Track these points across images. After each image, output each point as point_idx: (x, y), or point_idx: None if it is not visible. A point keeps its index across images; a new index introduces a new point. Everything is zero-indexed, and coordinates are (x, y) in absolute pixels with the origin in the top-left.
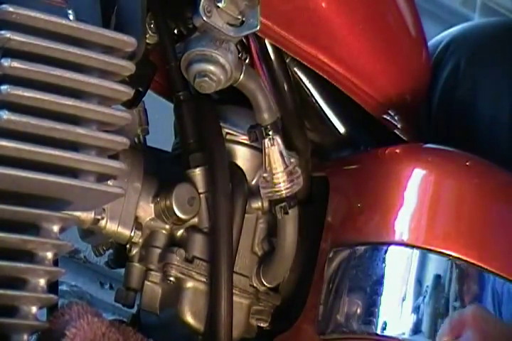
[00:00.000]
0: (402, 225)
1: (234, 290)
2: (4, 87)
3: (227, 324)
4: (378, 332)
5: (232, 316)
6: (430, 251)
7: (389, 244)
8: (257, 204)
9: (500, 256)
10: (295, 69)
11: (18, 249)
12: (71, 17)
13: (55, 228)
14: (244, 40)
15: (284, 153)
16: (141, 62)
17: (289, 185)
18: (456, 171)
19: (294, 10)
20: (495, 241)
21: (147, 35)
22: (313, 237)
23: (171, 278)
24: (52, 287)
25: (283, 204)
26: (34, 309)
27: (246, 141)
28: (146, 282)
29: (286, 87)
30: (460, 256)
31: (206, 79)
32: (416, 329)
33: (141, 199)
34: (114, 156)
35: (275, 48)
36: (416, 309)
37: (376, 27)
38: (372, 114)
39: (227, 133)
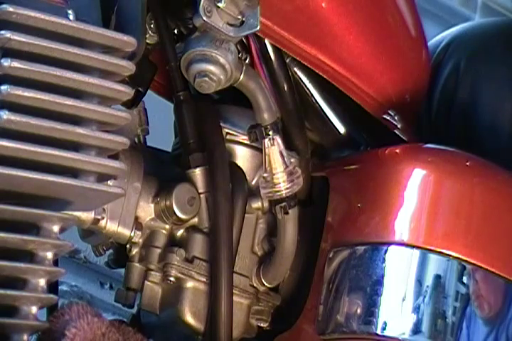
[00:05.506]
0: (402, 225)
1: (234, 290)
2: (4, 87)
3: (227, 324)
4: (378, 332)
5: (232, 316)
6: (430, 251)
7: (389, 244)
8: (257, 204)
9: (500, 256)
10: (295, 69)
11: (18, 249)
12: (71, 17)
13: (55, 228)
14: (244, 40)
15: (284, 153)
16: (141, 62)
17: (289, 185)
18: (456, 171)
19: (294, 10)
20: (495, 240)
21: (147, 35)
22: (313, 237)
23: (171, 278)
24: (52, 287)
25: (283, 204)
26: (34, 309)
27: (246, 141)
28: (146, 282)
29: (286, 87)
30: (460, 256)
31: (206, 79)
32: (416, 329)
33: (141, 199)
34: (114, 156)
35: (275, 48)
36: (416, 309)
37: (376, 27)
38: (372, 114)
39: (227, 133)
